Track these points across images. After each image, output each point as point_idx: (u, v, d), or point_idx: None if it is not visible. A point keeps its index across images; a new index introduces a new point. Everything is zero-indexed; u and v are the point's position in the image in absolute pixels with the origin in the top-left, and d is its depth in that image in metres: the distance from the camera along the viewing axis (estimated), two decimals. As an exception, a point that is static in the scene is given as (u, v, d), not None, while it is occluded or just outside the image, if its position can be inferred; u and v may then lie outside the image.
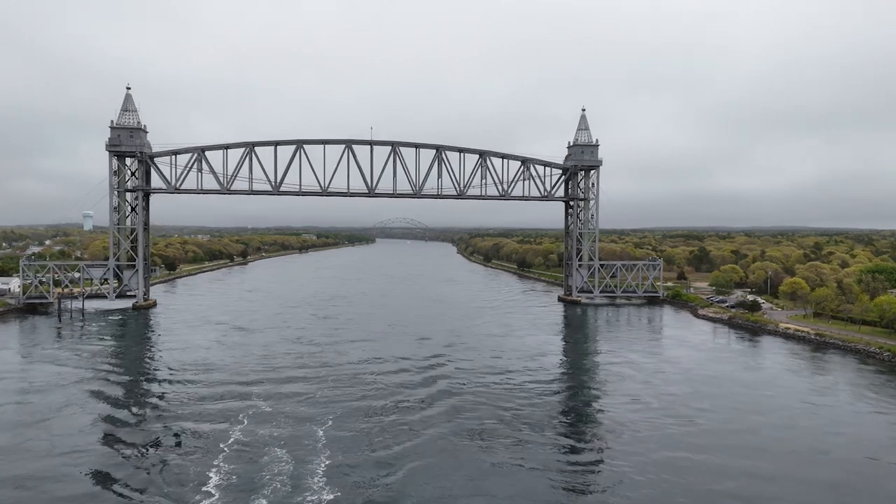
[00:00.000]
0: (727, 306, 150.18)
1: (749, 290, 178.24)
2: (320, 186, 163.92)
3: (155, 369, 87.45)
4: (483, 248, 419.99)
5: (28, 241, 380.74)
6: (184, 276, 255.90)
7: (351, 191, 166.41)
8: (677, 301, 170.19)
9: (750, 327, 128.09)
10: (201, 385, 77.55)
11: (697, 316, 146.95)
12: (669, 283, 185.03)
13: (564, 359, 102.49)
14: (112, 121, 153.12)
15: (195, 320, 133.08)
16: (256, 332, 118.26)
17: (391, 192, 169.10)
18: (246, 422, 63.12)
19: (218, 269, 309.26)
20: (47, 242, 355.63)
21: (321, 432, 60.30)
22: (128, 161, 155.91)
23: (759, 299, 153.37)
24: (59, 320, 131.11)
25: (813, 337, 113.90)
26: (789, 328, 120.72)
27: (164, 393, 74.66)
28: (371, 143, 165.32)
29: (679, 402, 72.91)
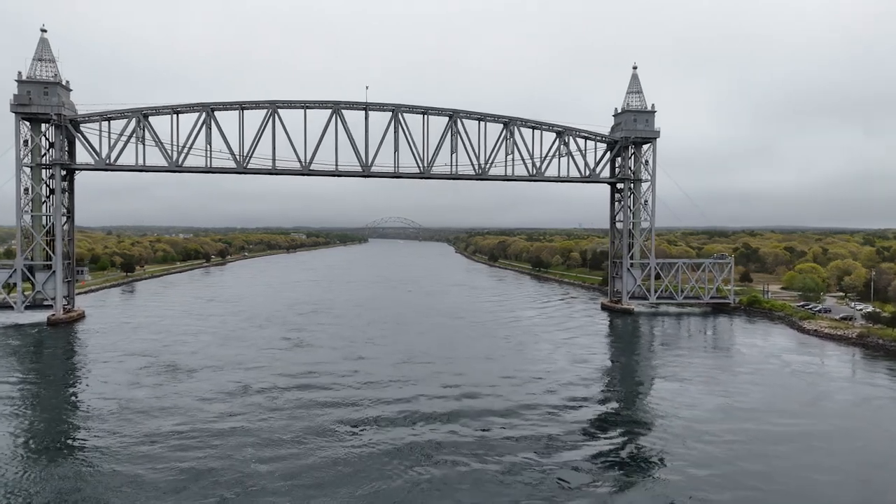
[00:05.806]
0: (842, 318, 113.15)
1: (844, 294, 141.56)
2: (300, 163, 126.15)
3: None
4: (487, 246, 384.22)
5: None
6: (145, 279, 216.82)
7: (340, 169, 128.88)
8: (755, 309, 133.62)
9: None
10: None
11: (803, 331, 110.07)
12: (734, 287, 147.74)
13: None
14: (20, 72, 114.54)
15: (113, 348, 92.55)
16: (188, 377, 75.66)
17: (391, 171, 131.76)
18: None
19: (190, 269, 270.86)
20: (12, 242, 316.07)
21: None
22: (43, 127, 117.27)
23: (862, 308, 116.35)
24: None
25: None
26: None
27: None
28: (366, 108, 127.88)
29: None
